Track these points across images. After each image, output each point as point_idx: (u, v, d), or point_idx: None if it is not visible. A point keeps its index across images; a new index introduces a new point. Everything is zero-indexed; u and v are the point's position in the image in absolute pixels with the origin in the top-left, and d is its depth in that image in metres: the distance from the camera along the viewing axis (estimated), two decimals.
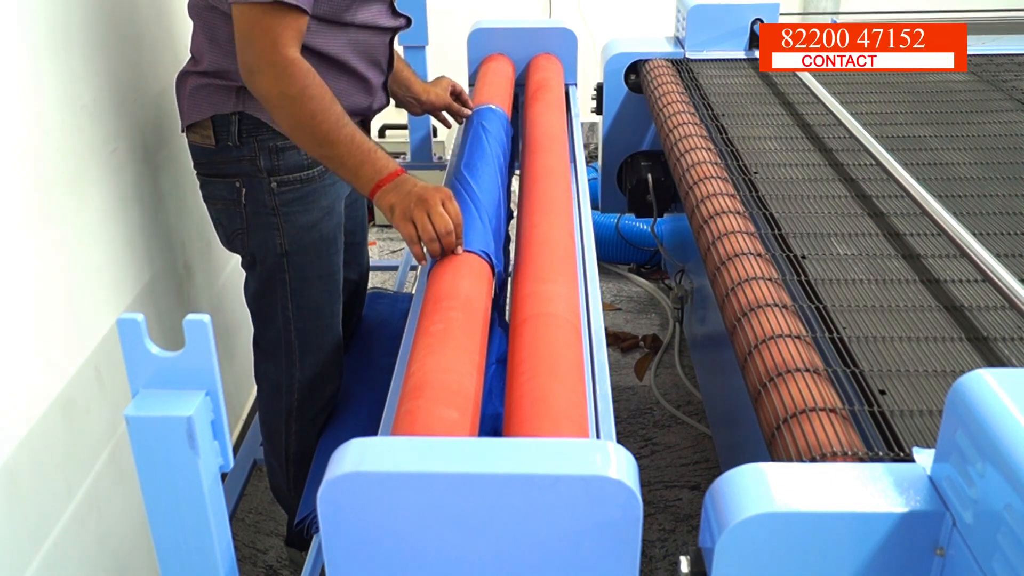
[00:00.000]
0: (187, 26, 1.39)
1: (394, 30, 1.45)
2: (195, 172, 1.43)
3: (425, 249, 1.20)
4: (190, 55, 1.39)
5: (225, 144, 1.35)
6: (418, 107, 1.75)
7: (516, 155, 1.81)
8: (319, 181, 1.40)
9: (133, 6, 1.52)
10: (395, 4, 1.43)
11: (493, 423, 1.10)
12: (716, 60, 2.15)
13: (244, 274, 1.50)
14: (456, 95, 1.77)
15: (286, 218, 1.39)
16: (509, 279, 1.34)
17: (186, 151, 1.43)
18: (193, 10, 1.35)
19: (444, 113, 1.79)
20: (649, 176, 2.17)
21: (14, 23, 1.16)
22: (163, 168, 1.63)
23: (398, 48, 1.70)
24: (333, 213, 1.44)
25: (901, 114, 1.77)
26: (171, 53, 1.62)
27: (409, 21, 1.47)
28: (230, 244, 1.46)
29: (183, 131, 1.40)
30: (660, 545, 1.91)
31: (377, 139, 3.24)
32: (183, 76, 1.39)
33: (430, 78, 2.26)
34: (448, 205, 1.19)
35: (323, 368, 1.52)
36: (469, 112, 1.75)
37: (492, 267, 1.22)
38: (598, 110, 2.26)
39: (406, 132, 2.61)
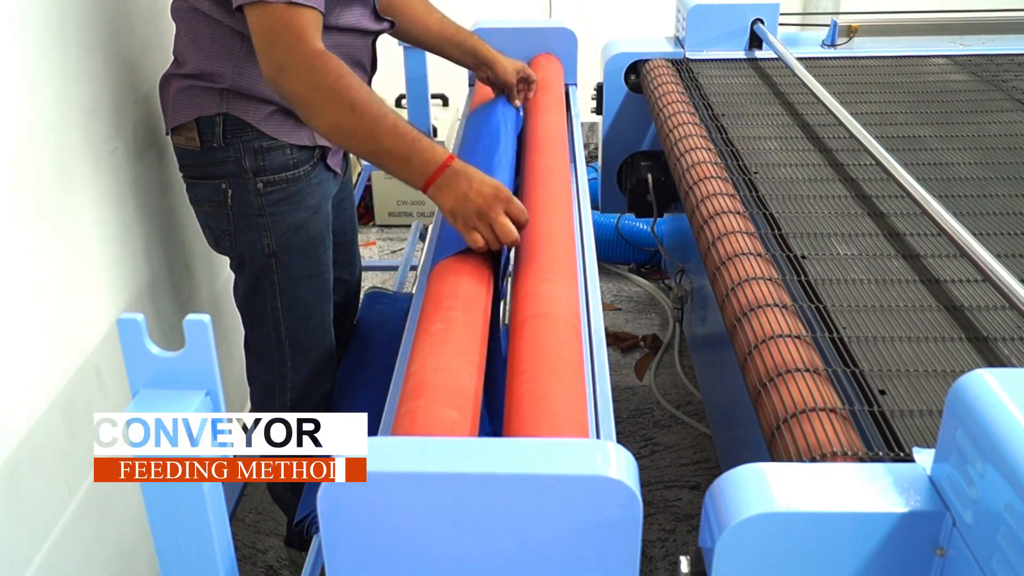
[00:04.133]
0: None
1: (377, 33, 1.45)
2: (181, 175, 1.42)
3: None
4: (173, 58, 1.39)
5: (210, 146, 1.34)
6: (485, 72, 1.71)
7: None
8: (305, 181, 1.39)
9: (132, 5, 1.52)
10: (377, 7, 1.43)
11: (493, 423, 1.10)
12: (716, 60, 2.15)
13: None
14: (525, 79, 1.74)
15: (272, 218, 1.38)
16: (509, 279, 1.33)
17: None
18: (176, 12, 1.35)
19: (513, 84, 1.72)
20: (649, 176, 2.17)
21: (12, 23, 1.16)
22: (163, 168, 1.63)
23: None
24: (320, 212, 1.44)
25: (901, 114, 1.77)
26: (169, 52, 1.62)
27: (392, 24, 1.47)
28: (218, 246, 1.45)
29: (167, 134, 1.40)
30: (660, 545, 1.91)
31: None
32: (167, 79, 1.39)
33: (431, 77, 2.27)
34: (511, 210, 1.16)
35: (315, 368, 1.52)
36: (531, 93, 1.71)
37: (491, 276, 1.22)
38: (598, 110, 2.25)
39: None
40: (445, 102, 3.55)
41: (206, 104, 1.33)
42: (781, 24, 2.22)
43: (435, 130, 2.95)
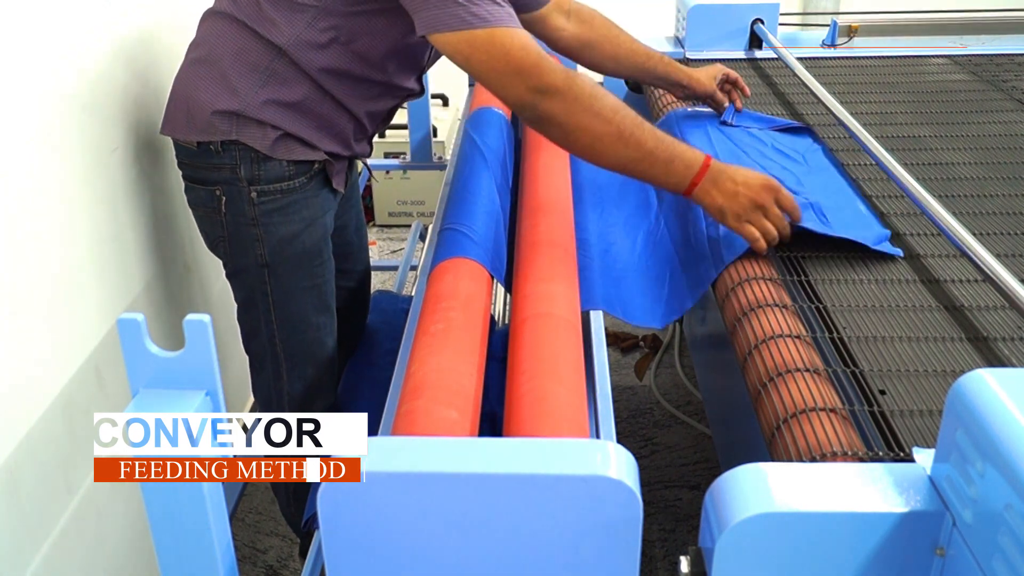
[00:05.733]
0: (188, 26, 1.38)
1: (408, 95, 1.44)
2: (180, 173, 1.40)
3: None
4: (190, 60, 1.36)
5: (206, 147, 1.31)
6: (681, 91, 1.75)
7: (516, 155, 1.81)
8: (300, 192, 1.36)
9: (134, 4, 1.52)
10: (424, 73, 1.43)
11: (492, 423, 1.10)
12: (716, 60, 2.15)
13: None
14: (729, 81, 1.75)
15: (266, 229, 1.35)
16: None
17: None
18: (209, 19, 1.33)
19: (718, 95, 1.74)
20: None
21: (12, 23, 1.16)
22: (163, 168, 1.63)
23: None
24: (316, 225, 1.40)
25: (901, 114, 1.77)
26: (173, 53, 1.62)
27: (422, 91, 1.47)
28: (214, 249, 1.43)
29: (161, 132, 1.37)
30: (660, 545, 1.91)
31: (377, 139, 3.23)
32: (181, 85, 1.35)
33: (431, 77, 2.26)
34: (781, 200, 1.17)
35: (313, 383, 1.48)
36: (739, 98, 1.73)
37: (491, 276, 1.22)
38: None
39: (406, 132, 2.61)
40: (445, 102, 3.55)
41: (216, 129, 1.30)
42: (781, 24, 2.22)
43: (435, 130, 2.95)
